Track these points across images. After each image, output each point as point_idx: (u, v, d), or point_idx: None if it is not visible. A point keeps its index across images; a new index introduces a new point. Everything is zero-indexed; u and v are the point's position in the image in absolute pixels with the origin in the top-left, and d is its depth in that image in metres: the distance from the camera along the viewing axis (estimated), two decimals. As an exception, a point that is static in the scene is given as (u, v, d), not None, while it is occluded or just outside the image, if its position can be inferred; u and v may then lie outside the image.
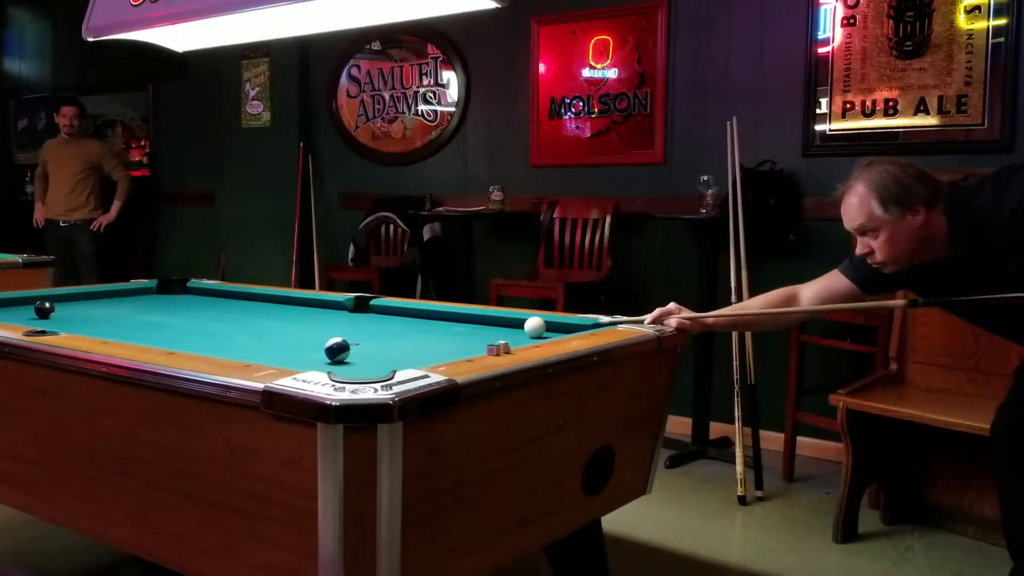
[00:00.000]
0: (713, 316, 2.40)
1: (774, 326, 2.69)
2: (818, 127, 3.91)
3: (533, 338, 2.20)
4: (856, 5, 3.76)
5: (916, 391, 3.11)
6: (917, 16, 3.62)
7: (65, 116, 6.05)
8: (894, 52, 3.69)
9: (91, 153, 6.10)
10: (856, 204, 2.23)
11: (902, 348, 3.22)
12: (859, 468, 3.02)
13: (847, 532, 3.02)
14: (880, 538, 3.06)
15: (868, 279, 2.37)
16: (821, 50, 3.87)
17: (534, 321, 2.26)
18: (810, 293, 2.44)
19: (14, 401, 2.11)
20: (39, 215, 6.15)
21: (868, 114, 3.77)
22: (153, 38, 2.67)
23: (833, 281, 2.43)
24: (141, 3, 2.46)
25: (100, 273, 5.95)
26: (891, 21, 3.68)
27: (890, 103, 3.71)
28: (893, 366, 3.23)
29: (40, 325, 2.25)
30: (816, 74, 3.89)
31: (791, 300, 2.42)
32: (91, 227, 6.02)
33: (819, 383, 3.62)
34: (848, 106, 3.82)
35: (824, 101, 3.88)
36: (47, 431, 2.04)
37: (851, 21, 3.79)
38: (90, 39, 2.61)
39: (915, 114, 3.66)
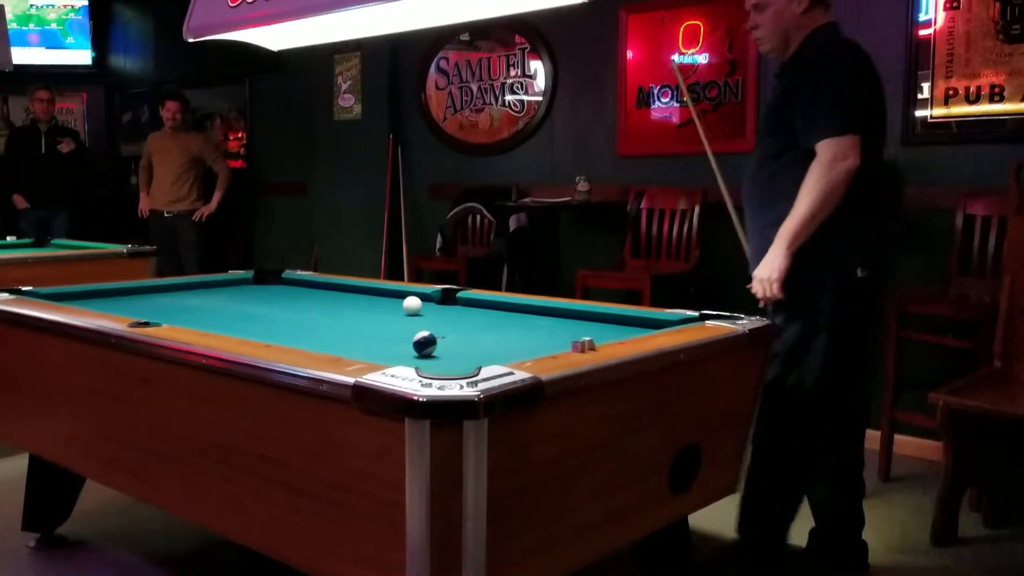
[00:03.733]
0: None
1: None
2: (919, 114, 3.76)
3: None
4: (961, -13, 3.61)
5: (1022, 390, 2.98)
6: (1026, -2, 3.45)
7: (169, 110, 6.26)
8: (1000, 36, 3.52)
9: (194, 146, 6.30)
10: None
11: (1007, 345, 3.08)
12: (959, 469, 2.91)
13: (946, 535, 2.91)
14: (981, 542, 2.94)
15: None
16: (922, 32, 3.72)
17: (412, 300, 2.58)
18: None
19: (119, 389, 2.20)
20: (144, 206, 6.38)
21: (972, 100, 3.61)
22: (250, 38, 2.75)
23: None
24: (239, 4, 2.53)
25: (201, 262, 6.17)
26: (997, 4, 3.51)
27: (996, 89, 3.54)
28: (997, 363, 3.09)
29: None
30: (917, 58, 3.74)
31: None
32: (193, 217, 6.23)
33: (919, 379, 3.50)
34: (951, 92, 3.66)
35: (926, 86, 3.73)
36: (149, 418, 2.13)
37: (955, 4, 3.62)
38: (190, 39, 2.71)
39: (1023, 100, 3.48)
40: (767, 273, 2.40)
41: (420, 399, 1.47)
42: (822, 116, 2.33)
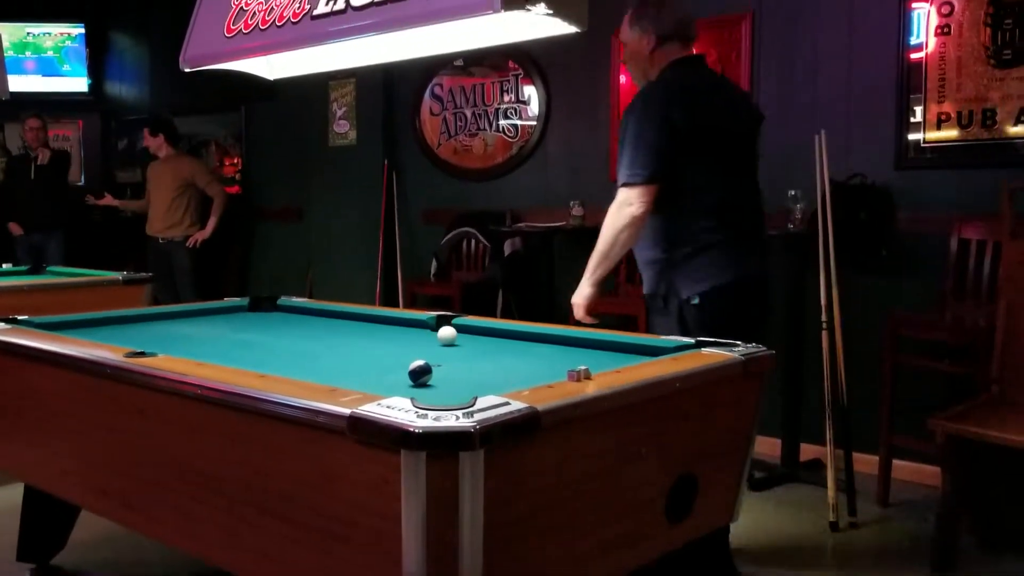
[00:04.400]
0: None
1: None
2: (911, 137, 3.79)
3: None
4: (951, 13, 3.64)
5: (1020, 416, 2.98)
6: (1016, 24, 3.48)
7: (144, 137, 6.34)
8: (991, 61, 3.55)
9: (184, 171, 6.29)
10: (625, 20, 2.76)
11: (1004, 370, 3.08)
12: (958, 495, 2.90)
13: (944, 561, 2.89)
14: (980, 568, 2.93)
15: None
16: (914, 56, 3.75)
17: (448, 331, 2.51)
18: None
19: (115, 419, 2.19)
20: (107, 200, 6.57)
21: (965, 125, 3.63)
22: (246, 67, 2.76)
23: None
24: (234, 35, 2.55)
25: (196, 288, 6.16)
26: (988, 29, 3.55)
27: (988, 113, 3.57)
28: (995, 389, 3.09)
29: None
30: (909, 81, 3.77)
31: None
32: (187, 243, 6.22)
33: (916, 403, 3.50)
34: (943, 117, 3.69)
35: (918, 110, 3.76)
36: (145, 448, 2.12)
37: (945, 30, 3.66)
38: (187, 69, 2.72)
39: (1015, 124, 3.51)
40: (574, 299, 2.79)
41: (416, 430, 1.46)
42: (620, 164, 2.63)
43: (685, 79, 2.68)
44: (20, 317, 2.77)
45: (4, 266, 5.04)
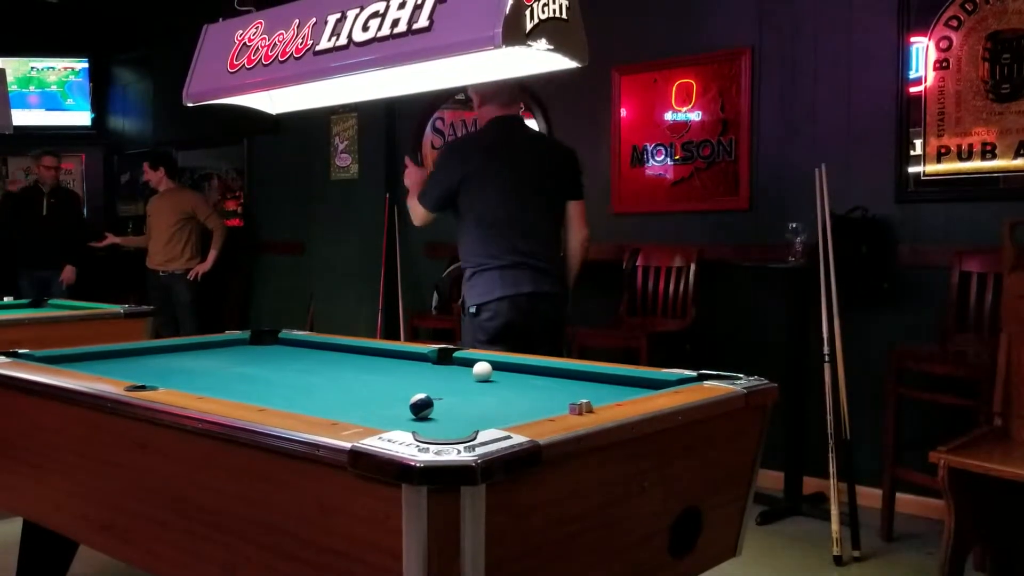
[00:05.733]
0: None
1: None
2: (911, 170, 3.80)
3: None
4: (949, 48, 3.68)
5: (1023, 448, 2.96)
6: (1014, 59, 3.51)
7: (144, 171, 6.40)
8: (990, 95, 3.58)
9: (184, 204, 6.33)
10: None
11: (1007, 403, 3.07)
12: (962, 529, 2.87)
13: (951, 597, 2.86)
14: (987, 604, 2.90)
15: None
16: (913, 89, 3.78)
17: (483, 366, 2.49)
18: None
19: (115, 453, 2.18)
20: (109, 240, 6.61)
21: (965, 158, 3.65)
22: (249, 102, 2.78)
23: None
24: (237, 70, 2.56)
25: (198, 320, 6.15)
26: (986, 64, 3.58)
27: (987, 146, 3.59)
28: (997, 422, 3.07)
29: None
30: (908, 115, 3.80)
31: None
32: (188, 276, 6.23)
33: (919, 437, 3.48)
34: (943, 150, 3.71)
35: (918, 143, 3.78)
36: (144, 483, 2.10)
37: (944, 64, 3.70)
38: (190, 104, 2.74)
39: (1015, 157, 3.53)
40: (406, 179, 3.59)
41: (417, 465, 1.45)
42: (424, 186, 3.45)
43: (491, 133, 3.39)
44: (21, 351, 2.76)
45: (5, 299, 5.04)
